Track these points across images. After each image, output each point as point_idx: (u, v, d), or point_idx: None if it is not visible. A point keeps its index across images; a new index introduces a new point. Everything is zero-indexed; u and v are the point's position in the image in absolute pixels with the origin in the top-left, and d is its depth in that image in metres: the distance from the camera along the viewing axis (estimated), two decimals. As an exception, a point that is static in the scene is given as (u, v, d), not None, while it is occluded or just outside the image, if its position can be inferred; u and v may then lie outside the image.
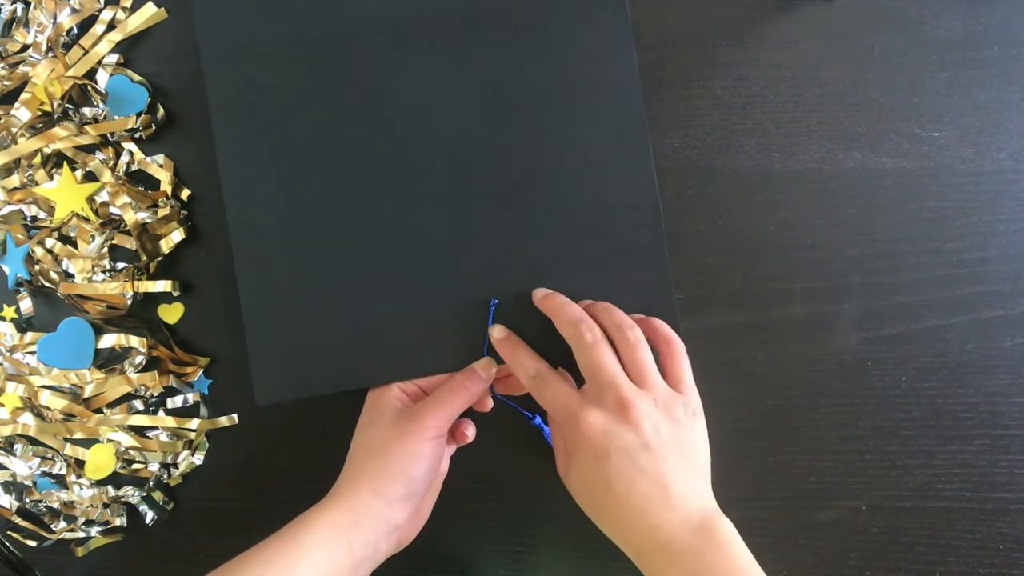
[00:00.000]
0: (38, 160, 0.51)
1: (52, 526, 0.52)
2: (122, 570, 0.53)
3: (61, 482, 0.52)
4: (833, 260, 0.49)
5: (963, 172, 0.48)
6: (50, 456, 0.52)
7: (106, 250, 0.51)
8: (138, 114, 0.50)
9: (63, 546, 0.52)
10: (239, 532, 0.51)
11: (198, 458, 0.52)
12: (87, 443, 0.51)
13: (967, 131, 0.48)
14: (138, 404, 0.52)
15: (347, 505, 0.42)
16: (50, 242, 0.51)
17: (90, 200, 0.50)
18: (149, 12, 0.50)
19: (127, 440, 0.51)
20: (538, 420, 0.48)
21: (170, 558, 0.52)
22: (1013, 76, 0.48)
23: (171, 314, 0.51)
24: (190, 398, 0.51)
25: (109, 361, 0.51)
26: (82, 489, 0.52)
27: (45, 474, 0.52)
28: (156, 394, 0.51)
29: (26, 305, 0.52)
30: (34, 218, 0.52)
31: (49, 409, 0.51)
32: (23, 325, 0.52)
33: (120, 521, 0.52)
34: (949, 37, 0.48)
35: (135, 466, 0.52)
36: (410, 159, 0.47)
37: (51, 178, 0.51)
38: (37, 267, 0.51)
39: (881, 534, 0.49)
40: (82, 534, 0.52)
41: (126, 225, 0.50)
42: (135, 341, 0.50)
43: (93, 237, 0.50)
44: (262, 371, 0.47)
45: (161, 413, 0.51)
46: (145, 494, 0.52)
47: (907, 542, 0.49)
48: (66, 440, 0.52)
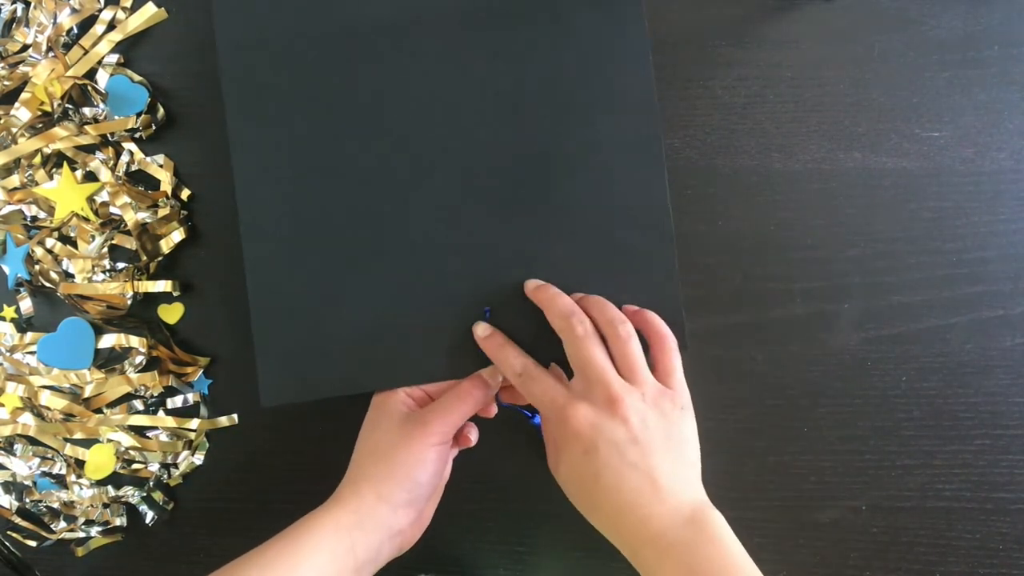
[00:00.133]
0: (38, 160, 0.51)
1: (52, 526, 0.52)
2: (122, 570, 0.53)
3: (61, 482, 0.52)
4: (833, 260, 0.49)
5: (963, 172, 0.48)
6: (50, 456, 0.52)
7: (106, 250, 0.51)
8: (138, 114, 0.50)
9: (63, 546, 0.52)
10: (239, 532, 0.51)
11: (198, 458, 0.52)
12: (87, 443, 0.51)
13: (967, 131, 0.48)
14: (138, 404, 0.52)
15: (351, 508, 0.42)
16: (50, 242, 0.51)
17: (90, 200, 0.50)
18: (149, 12, 0.50)
19: (127, 440, 0.51)
20: (537, 419, 0.48)
21: (170, 558, 0.52)
22: (1013, 76, 0.48)
23: (171, 314, 0.51)
24: (190, 398, 0.51)
25: (109, 361, 0.51)
26: (82, 489, 0.52)
27: (45, 474, 0.52)
28: (156, 394, 0.51)
29: (26, 305, 0.52)
30: (34, 218, 0.52)
31: (49, 409, 0.51)
32: (23, 325, 0.52)
33: (120, 521, 0.52)
34: (949, 37, 0.48)
35: (135, 466, 0.52)
36: (421, 163, 0.47)
37: (51, 178, 0.51)
38: (37, 267, 0.51)
39: (881, 534, 0.49)
40: (82, 534, 0.52)
41: (126, 225, 0.50)
42: (135, 341, 0.50)
43: (93, 237, 0.50)
44: (268, 372, 0.47)
45: (161, 413, 0.51)
46: (145, 494, 0.52)
47: (907, 542, 0.49)
48: (66, 440, 0.52)
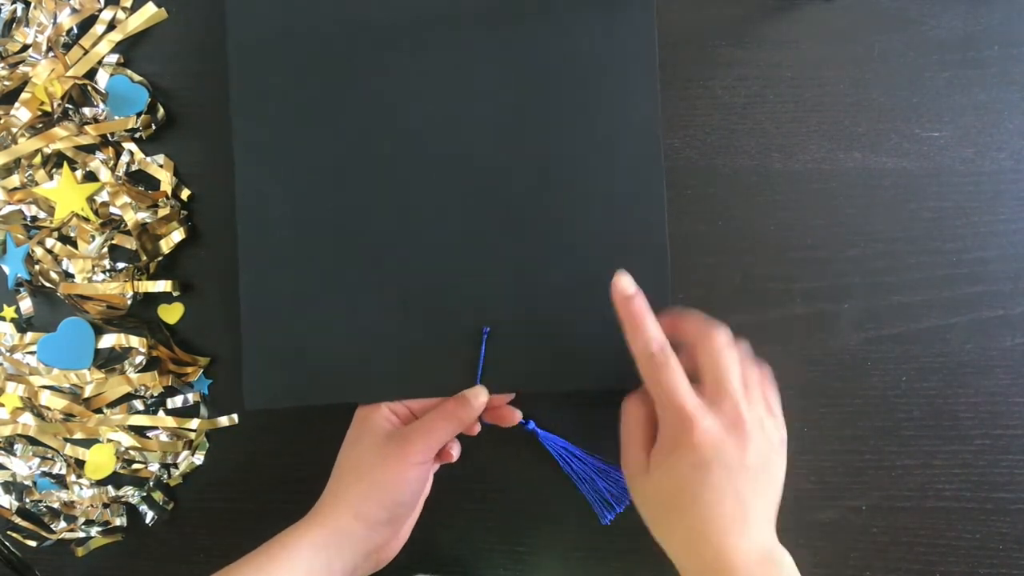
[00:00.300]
0: (38, 160, 0.51)
1: (52, 526, 0.52)
2: (122, 570, 0.53)
3: (61, 482, 0.52)
4: (833, 260, 0.49)
5: (963, 172, 0.48)
6: (50, 456, 0.52)
7: (106, 250, 0.51)
8: (138, 114, 0.50)
9: (63, 546, 0.52)
10: (239, 532, 0.51)
11: (198, 458, 0.52)
12: (87, 443, 0.51)
13: (967, 131, 0.48)
14: (138, 404, 0.52)
15: (329, 526, 0.42)
16: (50, 242, 0.51)
17: (90, 200, 0.50)
18: (149, 12, 0.50)
19: (127, 440, 0.51)
20: (532, 425, 0.48)
21: (170, 558, 0.52)
22: (1013, 76, 0.48)
23: (171, 314, 0.51)
24: (190, 398, 0.51)
25: (109, 361, 0.51)
26: (82, 489, 0.52)
27: (45, 474, 0.52)
28: (156, 394, 0.51)
29: (26, 305, 0.52)
30: (34, 218, 0.52)
31: (49, 409, 0.51)
32: (23, 325, 0.52)
33: (120, 521, 0.52)
34: (949, 37, 0.48)
35: (135, 466, 0.52)
36: (422, 177, 0.47)
37: (51, 178, 0.51)
38: (37, 267, 0.51)
39: (881, 534, 0.49)
40: (82, 534, 0.52)
41: (126, 225, 0.50)
42: (135, 341, 0.50)
43: (93, 237, 0.50)
44: (253, 375, 0.47)
45: (161, 413, 0.51)
46: (145, 494, 0.52)
47: (907, 542, 0.49)
48: (66, 440, 0.52)
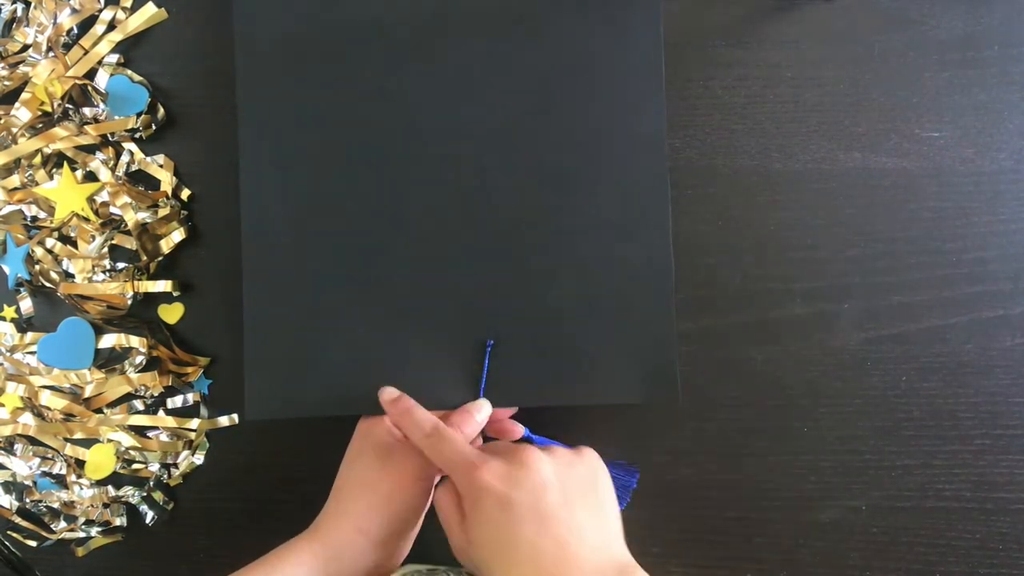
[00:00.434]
0: (38, 160, 0.51)
1: (52, 526, 0.52)
2: (122, 570, 0.53)
3: (61, 482, 0.52)
4: (833, 260, 0.49)
5: (963, 172, 0.48)
6: (50, 456, 0.52)
7: (106, 250, 0.51)
8: (138, 114, 0.50)
9: (63, 546, 0.52)
10: (239, 532, 0.51)
11: (198, 458, 0.52)
12: (87, 443, 0.51)
13: (967, 131, 0.48)
14: (138, 404, 0.51)
15: (330, 540, 0.42)
16: (50, 242, 0.51)
17: (90, 200, 0.50)
18: (149, 12, 0.50)
19: (127, 440, 0.51)
20: (527, 432, 0.48)
21: (170, 558, 0.52)
22: (1013, 76, 0.48)
23: (171, 314, 0.51)
24: (190, 398, 0.51)
25: (109, 361, 0.51)
26: (82, 489, 0.52)
27: (45, 474, 0.52)
28: (156, 394, 0.51)
29: (26, 305, 0.52)
30: (34, 218, 0.52)
31: (49, 409, 0.51)
32: (23, 325, 0.52)
33: (120, 521, 0.52)
34: (949, 37, 0.48)
35: (135, 466, 0.52)
36: (426, 187, 0.47)
37: (51, 178, 0.51)
38: (37, 267, 0.51)
39: (881, 534, 0.49)
40: (82, 534, 0.52)
41: (126, 225, 0.50)
42: (135, 341, 0.50)
43: (93, 237, 0.50)
44: (255, 386, 0.47)
45: (161, 413, 0.51)
46: (145, 494, 0.52)
47: (907, 542, 0.49)
48: (66, 440, 0.52)
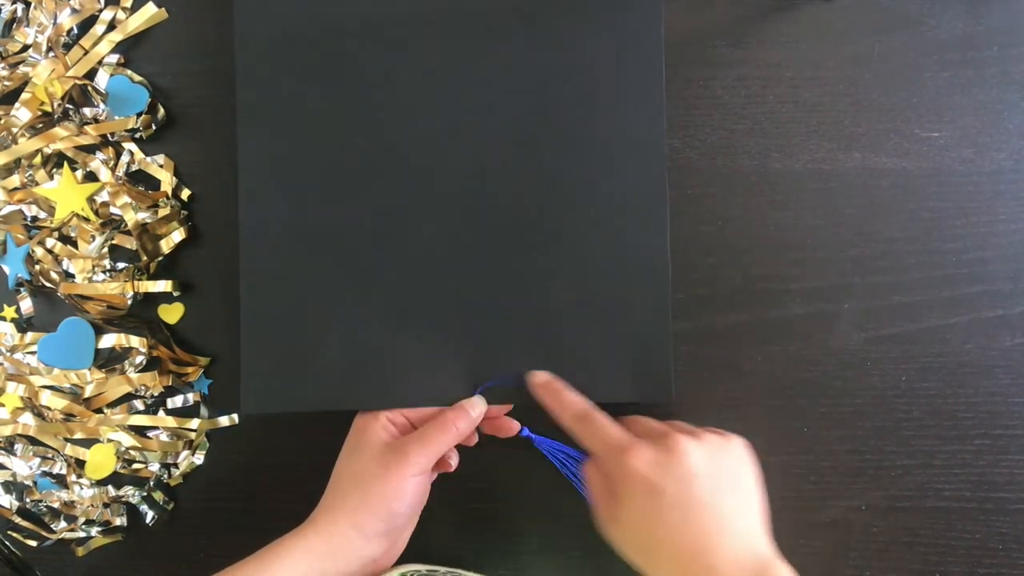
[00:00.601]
0: (38, 160, 0.51)
1: (52, 526, 0.52)
2: (122, 570, 0.53)
3: (61, 482, 0.52)
4: (833, 260, 0.49)
5: (963, 172, 0.48)
6: (50, 456, 0.52)
7: (106, 250, 0.51)
8: (138, 114, 0.50)
9: (63, 546, 0.52)
10: (239, 532, 0.51)
11: (198, 458, 0.52)
12: (87, 443, 0.51)
13: (967, 131, 0.48)
14: (138, 404, 0.52)
15: (324, 535, 0.42)
16: (50, 242, 0.51)
17: (90, 200, 0.50)
18: (149, 12, 0.50)
19: (127, 440, 0.51)
20: (526, 431, 0.48)
21: (170, 558, 0.52)
22: (1013, 76, 0.48)
23: (171, 314, 0.51)
24: (190, 398, 0.51)
25: (109, 361, 0.51)
26: (82, 489, 0.52)
27: (45, 474, 0.52)
28: (156, 394, 0.51)
29: (26, 305, 0.52)
30: (34, 218, 0.52)
31: (49, 409, 0.51)
32: (23, 325, 0.52)
33: (120, 521, 0.52)
34: (949, 37, 0.48)
35: (135, 466, 0.52)
36: (423, 185, 0.47)
37: (51, 178, 0.51)
38: (37, 267, 0.51)
39: (881, 534, 0.49)
40: (82, 534, 0.52)
41: (126, 225, 0.50)
42: (135, 341, 0.50)
43: (93, 237, 0.50)
44: (251, 380, 0.47)
45: (161, 413, 0.51)
46: (145, 494, 0.52)
47: (907, 542, 0.49)
48: (66, 440, 0.52)
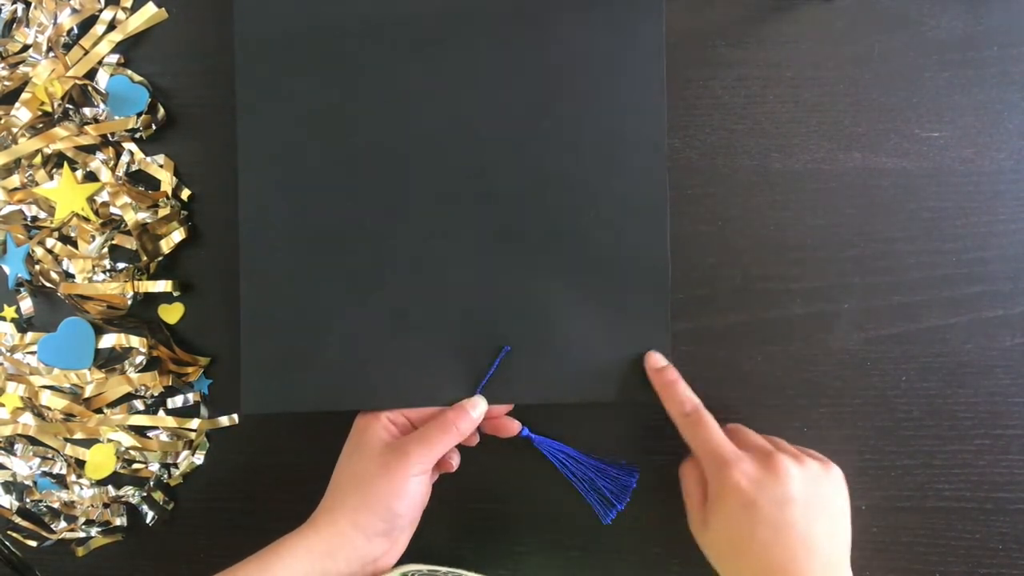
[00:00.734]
0: (38, 160, 0.51)
1: (52, 526, 0.52)
2: (122, 570, 0.53)
3: (61, 482, 0.52)
4: (833, 260, 0.49)
5: (963, 172, 0.48)
6: (50, 456, 0.52)
7: (106, 250, 0.51)
8: (138, 114, 0.50)
9: (63, 546, 0.52)
10: (239, 532, 0.51)
11: (198, 458, 0.52)
12: (87, 443, 0.51)
13: (967, 131, 0.48)
14: (138, 404, 0.52)
15: (325, 535, 0.42)
16: (50, 242, 0.51)
17: (90, 200, 0.50)
18: (149, 12, 0.50)
19: (127, 440, 0.51)
20: (526, 431, 0.48)
21: (170, 558, 0.52)
22: (1013, 76, 0.48)
23: (171, 314, 0.51)
24: (190, 398, 0.51)
25: (109, 361, 0.51)
26: (82, 489, 0.52)
27: (45, 474, 0.52)
28: (156, 394, 0.51)
29: (26, 305, 0.52)
30: (34, 218, 0.52)
31: (49, 409, 0.51)
32: (23, 325, 0.52)
33: (120, 521, 0.52)
34: (949, 37, 0.48)
35: (135, 466, 0.52)
36: (424, 185, 0.47)
37: (51, 178, 0.51)
38: (37, 267, 0.51)
39: (881, 534, 0.49)
40: (82, 534, 0.52)
41: (126, 225, 0.50)
42: (135, 341, 0.50)
43: (93, 237, 0.50)
44: (251, 380, 0.47)
45: (161, 413, 0.51)
46: (145, 494, 0.52)
47: (907, 542, 0.49)
48: (66, 440, 0.52)
